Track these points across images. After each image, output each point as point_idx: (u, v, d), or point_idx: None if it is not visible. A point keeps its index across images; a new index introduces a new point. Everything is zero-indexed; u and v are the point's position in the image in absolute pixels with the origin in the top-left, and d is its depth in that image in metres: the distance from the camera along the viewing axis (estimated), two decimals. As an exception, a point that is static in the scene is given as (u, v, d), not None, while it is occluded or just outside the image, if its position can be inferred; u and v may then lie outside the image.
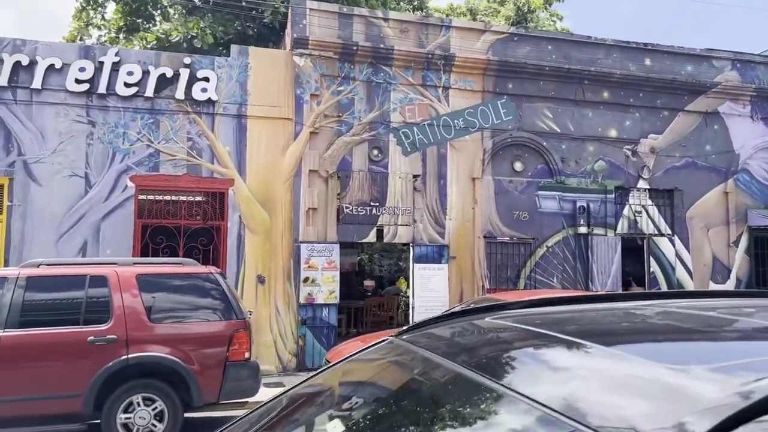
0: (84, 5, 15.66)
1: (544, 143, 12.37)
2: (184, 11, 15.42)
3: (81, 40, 16.29)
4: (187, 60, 10.70)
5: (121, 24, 16.51)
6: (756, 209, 13.53)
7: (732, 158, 13.54)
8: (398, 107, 11.71)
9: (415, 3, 17.79)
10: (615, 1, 55.24)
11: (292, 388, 1.80)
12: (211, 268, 7.13)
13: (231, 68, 10.87)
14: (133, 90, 10.38)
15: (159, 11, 16.75)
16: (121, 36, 16.48)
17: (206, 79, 10.64)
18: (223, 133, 10.80)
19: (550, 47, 12.60)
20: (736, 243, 13.45)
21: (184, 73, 10.53)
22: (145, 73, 10.42)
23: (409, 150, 11.74)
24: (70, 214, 10.10)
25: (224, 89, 10.81)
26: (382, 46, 11.50)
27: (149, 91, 10.42)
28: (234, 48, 11.14)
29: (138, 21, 16.59)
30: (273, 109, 11.00)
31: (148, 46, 14.63)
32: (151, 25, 16.53)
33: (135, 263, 7.14)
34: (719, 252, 13.34)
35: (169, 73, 10.49)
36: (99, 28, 16.69)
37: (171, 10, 16.49)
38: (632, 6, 57.74)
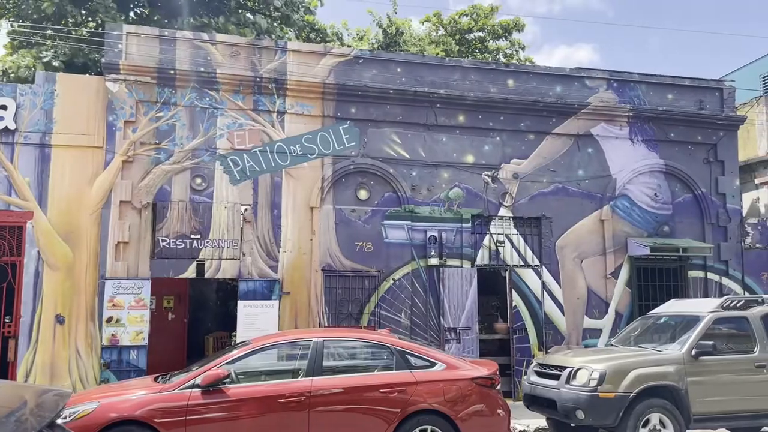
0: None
1: (391, 170, 11.60)
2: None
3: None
4: (-17, 87, 10.17)
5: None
6: (637, 238, 12.54)
7: (608, 183, 12.64)
8: (226, 133, 11.04)
9: (307, 29, 17.29)
10: (644, 35, 56.47)
11: None
12: None
13: (35, 95, 10.30)
14: None
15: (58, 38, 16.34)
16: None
17: (4, 108, 10.08)
18: (23, 163, 10.16)
19: (399, 70, 11.93)
20: (615, 274, 12.43)
21: (-21, 101, 9.98)
22: (-64, 102, 9.89)
23: (238, 178, 11.02)
24: None
25: (27, 117, 10.22)
26: (203, 69, 10.91)
27: (-61, 120, 9.87)
28: (39, 74, 10.61)
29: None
30: (81, 137, 10.38)
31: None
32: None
33: None
34: (595, 284, 12.33)
35: (-38, 101, 9.95)
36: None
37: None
38: (657, 40, 59.14)
